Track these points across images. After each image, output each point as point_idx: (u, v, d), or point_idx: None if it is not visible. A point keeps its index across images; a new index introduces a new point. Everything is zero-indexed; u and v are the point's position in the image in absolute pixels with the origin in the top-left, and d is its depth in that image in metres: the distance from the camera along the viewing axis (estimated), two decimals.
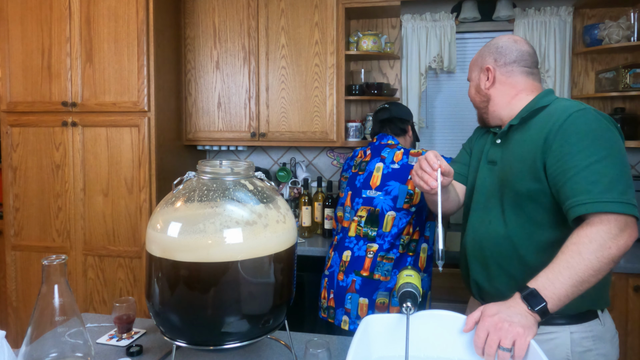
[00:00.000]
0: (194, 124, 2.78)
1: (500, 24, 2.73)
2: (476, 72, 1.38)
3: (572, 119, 1.11)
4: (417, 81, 2.79)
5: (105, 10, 2.40)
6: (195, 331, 0.98)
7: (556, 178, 1.10)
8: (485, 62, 1.34)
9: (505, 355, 0.91)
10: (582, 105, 1.14)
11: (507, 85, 1.31)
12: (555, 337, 1.19)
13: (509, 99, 1.31)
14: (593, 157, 1.05)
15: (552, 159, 1.11)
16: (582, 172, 1.05)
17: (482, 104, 1.38)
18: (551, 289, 0.98)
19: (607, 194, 1.02)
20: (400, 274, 1.11)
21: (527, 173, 1.16)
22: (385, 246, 1.80)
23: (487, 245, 1.27)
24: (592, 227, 1.01)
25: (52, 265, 0.84)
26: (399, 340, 1.00)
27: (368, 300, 1.77)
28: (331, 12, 2.55)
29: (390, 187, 1.83)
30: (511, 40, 1.33)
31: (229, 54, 2.70)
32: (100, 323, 1.37)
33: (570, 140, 1.09)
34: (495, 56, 1.32)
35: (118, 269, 2.47)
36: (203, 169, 1.06)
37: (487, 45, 1.36)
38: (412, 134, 2.06)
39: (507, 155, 1.26)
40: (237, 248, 0.96)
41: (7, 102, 2.53)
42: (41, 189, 2.52)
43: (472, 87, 1.41)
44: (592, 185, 1.03)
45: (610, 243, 0.99)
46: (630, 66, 2.37)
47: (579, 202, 1.04)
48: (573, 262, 0.99)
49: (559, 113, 1.15)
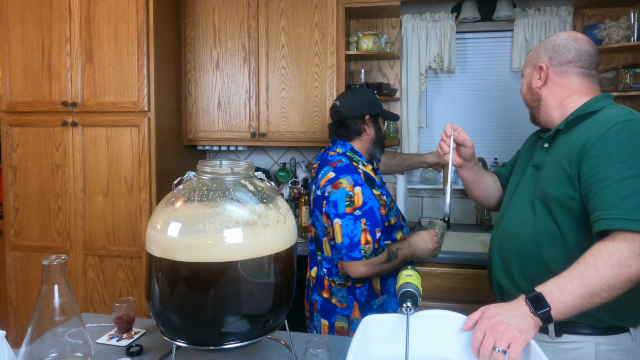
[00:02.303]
0: (194, 124, 2.78)
1: (500, 24, 2.73)
2: (529, 69, 1.31)
3: (617, 128, 1.07)
4: (417, 81, 2.79)
5: (105, 10, 2.40)
6: (195, 331, 0.98)
7: (588, 187, 1.07)
8: (539, 59, 1.27)
9: (500, 357, 0.90)
10: (631, 115, 1.10)
11: (559, 85, 1.24)
12: (580, 347, 1.14)
13: (560, 100, 1.24)
14: (629, 171, 1.02)
15: (587, 167, 1.08)
16: (614, 185, 1.02)
17: (534, 103, 1.31)
18: (558, 296, 0.96)
19: (637, 211, 0.98)
20: (400, 274, 1.11)
21: (562, 178, 1.14)
22: (334, 270, 1.67)
23: (513, 245, 1.25)
24: (615, 243, 0.98)
25: (52, 265, 0.84)
26: (398, 340, 1.00)
27: (328, 323, 1.67)
28: (331, 12, 2.55)
29: (316, 213, 1.67)
30: (571, 38, 1.24)
31: (229, 54, 2.70)
32: (100, 323, 1.37)
33: (609, 151, 1.05)
34: (551, 54, 1.24)
35: (118, 269, 2.47)
36: (203, 169, 1.06)
37: (544, 42, 1.28)
38: (375, 127, 1.72)
39: (550, 159, 1.22)
40: (237, 248, 0.96)
41: (7, 102, 2.53)
42: (41, 189, 2.52)
43: (524, 84, 1.33)
44: (622, 200, 1.00)
45: (632, 261, 0.96)
46: (630, 66, 2.37)
47: (606, 215, 1.01)
48: (587, 273, 0.96)
49: (604, 120, 1.11)
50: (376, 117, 1.73)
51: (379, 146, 1.74)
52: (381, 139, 1.74)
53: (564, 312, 0.97)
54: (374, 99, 1.72)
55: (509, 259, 1.26)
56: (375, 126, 1.72)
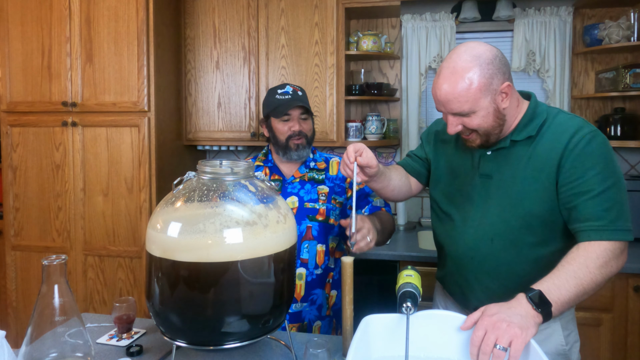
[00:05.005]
0: (194, 124, 2.78)
1: (500, 24, 2.74)
2: (488, 98, 1.13)
3: (587, 140, 1.13)
4: (417, 81, 2.79)
5: (105, 10, 2.40)
6: (195, 331, 0.98)
7: (568, 198, 1.14)
8: (500, 81, 1.14)
9: (501, 354, 0.91)
10: (590, 126, 1.17)
11: (513, 97, 1.20)
12: (549, 326, 1.23)
13: (514, 109, 1.21)
14: (607, 183, 1.11)
15: (564, 179, 1.14)
16: (597, 198, 1.11)
17: (498, 128, 1.19)
18: (557, 293, 1.01)
19: (618, 221, 1.10)
20: (400, 274, 1.11)
21: (542, 192, 1.17)
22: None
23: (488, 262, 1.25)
24: (601, 246, 1.08)
25: (52, 265, 0.84)
26: (399, 340, 1.00)
27: None
28: (331, 12, 2.55)
29: None
30: (488, 46, 1.16)
31: (229, 54, 2.70)
32: (100, 323, 1.37)
33: (585, 164, 1.12)
34: (504, 69, 1.14)
35: (118, 269, 2.47)
36: (203, 169, 1.06)
37: (486, 64, 1.11)
38: (269, 132, 1.62)
39: (509, 170, 1.21)
40: (237, 248, 0.96)
41: (7, 102, 2.53)
42: (41, 189, 2.52)
43: (485, 117, 1.15)
44: (606, 212, 1.10)
45: (613, 262, 1.09)
46: (630, 66, 2.37)
47: (594, 227, 1.10)
48: (580, 273, 1.04)
49: (570, 132, 1.15)
50: (267, 118, 1.63)
51: (279, 146, 1.60)
52: (276, 139, 1.60)
53: (560, 309, 1.02)
54: (266, 100, 1.63)
55: (466, 267, 1.28)
56: (268, 128, 1.63)
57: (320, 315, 1.59)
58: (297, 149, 1.58)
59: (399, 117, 2.87)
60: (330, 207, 1.59)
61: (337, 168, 1.66)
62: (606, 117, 2.53)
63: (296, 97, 1.57)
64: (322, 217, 1.57)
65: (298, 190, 1.60)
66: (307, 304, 1.57)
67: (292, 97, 1.57)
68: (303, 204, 1.57)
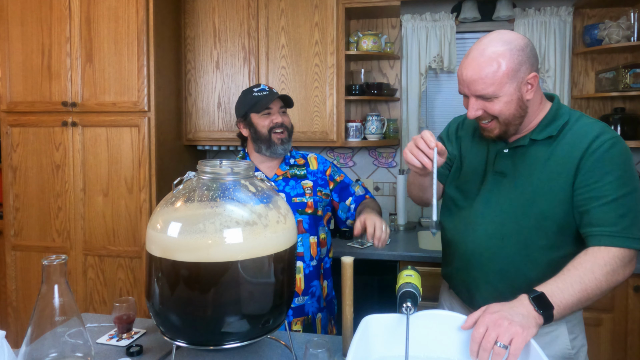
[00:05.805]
0: (194, 124, 2.78)
1: (500, 24, 2.73)
2: (514, 85, 1.12)
3: (608, 145, 1.12)
4: (417, 81, 2.79)
5: (105, 11, 2.40)
6: (195, 331, 0.98)
7: (582, 201, 1.13)
8: (527, 70, 1.13)
9: (501, 351, 0.91)
10: (613, 132, 1.16)
11: (538, 92, 1.19)
12: (554, 329, 1.22)
13: (537, 105, 1.20)
14: (624, 190, 1.10)
15: (581, 182, 1.13)
16: (612, 204, 1.10)
17: (519, 119, 1.18)
18: (560, 297, 1.01)
19: (631, 229, 1.09)
20: (400, 274, 1.11)
21: (558, 193, 1.15)
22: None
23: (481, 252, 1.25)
24: (610, 253, 1.07)
25: (52, 265, 0.84)
26: (399, 340, 1.00)
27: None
28: (331, 12, 2.55)
29: None
30: (520, 35, 1.16)
31: (229, 54, 2.70)
32: (100, 323, 1.36)
33: (603, 168, 1.11)
34: (533, 60, 1.15)
35: (118, 269, 2.47)
36: (203, 169, 1.05)
37: (517, 50, 1.11)
38: (249, 129, 1.64)
39: (525, 169, 1.20)
40: (237, 248, 0.96)
41: (7, 102, 2.53)
42: (41, 189, 2.52)
43: (508, 103, 1.14)
44: (620, 218, 1.09)
45: (620, 270, 1.08)
46: (630, 66, 2.37)
47: (607, 232, 1.09)
48: (585, 278, 1.03)
49: (592, 135, 1.14)
50: (245, 117, 1.64)
51: (262, 141, 1.62)
52: (258, 134, 1.62)
53: (562, 313, 1.02)
54: (242, 100, 1.66)
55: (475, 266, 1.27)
56: (249, 127, 1.64)
57: (320, 307, 1.65)
58: (282, 143, 1.63)
59: (399, 117, 2.87)
60: (317, 200, 1.65)
61: (316, 163, 1.73)
62: (606, 117, 2.53)
63: (273, 93, 1.64)
64: (310, 209, 1.63)
65: (283, 187, 1.65)
66: (309, 297, 1.62)
67: (270, 93, 1.63)
68: (291, 199, 1.63)
